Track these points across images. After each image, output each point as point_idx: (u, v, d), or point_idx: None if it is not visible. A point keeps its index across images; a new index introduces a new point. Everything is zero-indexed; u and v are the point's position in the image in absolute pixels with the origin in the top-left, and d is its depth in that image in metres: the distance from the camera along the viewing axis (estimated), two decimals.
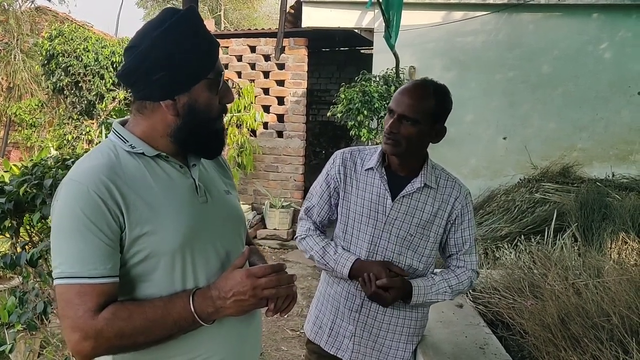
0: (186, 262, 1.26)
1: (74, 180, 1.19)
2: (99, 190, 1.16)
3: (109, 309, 1.16)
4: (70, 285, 1.15)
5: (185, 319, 1.20)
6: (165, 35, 1.21)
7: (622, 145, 7.00)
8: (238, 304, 1.22)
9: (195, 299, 1.21)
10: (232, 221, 1.43)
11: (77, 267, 1.14)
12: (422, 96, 1.82)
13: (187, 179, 1.32)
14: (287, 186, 8.13)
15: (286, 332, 4.48)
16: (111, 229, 1.17)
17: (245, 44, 8.11)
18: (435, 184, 1.93)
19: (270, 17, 26.84)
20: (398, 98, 1.84)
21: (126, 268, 1.22)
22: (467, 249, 1.97)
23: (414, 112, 1.80)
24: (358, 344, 1.99)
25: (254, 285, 1.22)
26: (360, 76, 6.64)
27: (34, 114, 10.85)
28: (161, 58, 1.21)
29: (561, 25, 6.92)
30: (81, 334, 1.14)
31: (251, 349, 1.44)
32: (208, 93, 1.27)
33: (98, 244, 1.15)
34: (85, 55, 8.17)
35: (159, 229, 1.21)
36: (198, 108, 1.26)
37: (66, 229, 1.16)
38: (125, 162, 1.24)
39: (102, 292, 1.16)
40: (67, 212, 1.17)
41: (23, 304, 2.85)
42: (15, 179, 2.90)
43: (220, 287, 1.23)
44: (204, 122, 1.29)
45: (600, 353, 2.04)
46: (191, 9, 1.27)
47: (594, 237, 4.57)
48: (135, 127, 1.29)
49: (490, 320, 2.86)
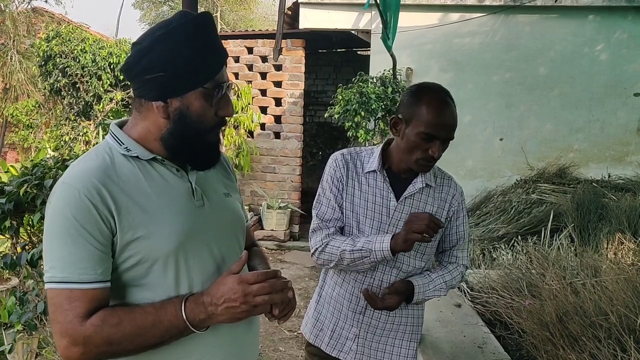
0: (180, 267, 1.24)
1: (66, 183, 1.18)
2: (90, 194, 1.15)
3: (99, 315, 1.14)
4: (61, 290, 1.14)
5: (176, 326, 1.18)
6: (167, 36, 1.20)
7: (618, 146, 7.04)
8: (229, 310, 1.19)
9: (187, 305, 1.19)
10: (230, 225, 1.41)
11: (67, 271, 1.13)
12: (455, 111, 1.82)
13: (184, 182, 1.30)
14: (284, 187, 8.13)
15: (284, 332, 4.48)
16: (102, 233, 1.15)
17: (243, 45, 8.12)
18: (433, 182, 1.95)
19: (267, 19, 26.83)
20: (440, 120, 1.77)
21: (118, 272, 1.20)
22: (460, 245, 2.00)
23: (455, 128, 1.81)
24: (362, 345, 1.98)
25: (245, 292, 1.18)
26: (358, 77, 6.65)
27: (31, 115, 10.83)
28: (159, 58, 1.20)
29: (557, 27, 6.95)
30: (69, 339, 1.13)
31: (249, 353, 1.42)
32: (202, 102, 1.24)
33: (89, 248, 1.14)
34: (83, 56, 8.15)
35: (152, 233, 1.20)
36: (189, 115, 1.24)
37: (57, 232, 1.15)
38: (120, 165, 1.23)
39: (92, 298, 1.14)
40: (58, 215, 1.15)
41: (23, 304, 2.85)
42: (15, 180, 2.90)
43: (213, 293, 1.20)
44: (196, 132, 1.25)
45: (598, 351, 2.05)
46: (204, 16, 1.25)
47: (590, 237, 4.60)
48: (132, 129, 1.28)
49: (489, 319, 2.88)
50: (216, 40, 1.26)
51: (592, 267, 2.98)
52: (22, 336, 3.12)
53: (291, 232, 7.94)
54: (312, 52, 9.22)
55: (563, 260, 3.32)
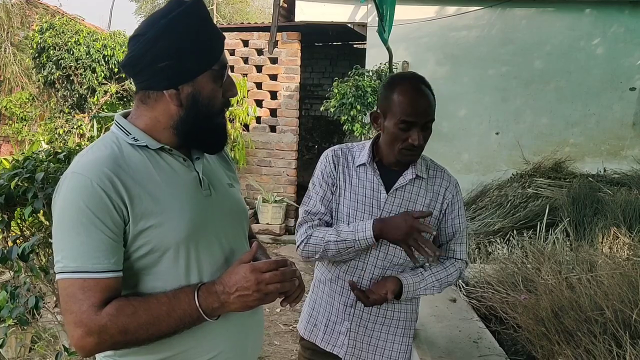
0: (190, 256, 1.25)
1: (77, 173, 1.17)
2: (103, 183, 1.15)
3: (113, 305, 1.14)
4: (74, 280, 1.14)
5: (190, 314, 1.19)
6: (172, 24, 1.20)
7: (614, 140, 7.04)
8: (242, 299, 1.20)
9: (200, 294, 1.20)
10: (236, 214, 1.43)
11: (80, 261, 1.13)
12: (430, 94, 1.82)
13: (190, 172, 1.31)
14: (279, 181, 8.11)
15: (279, 326, 4.48)
16: (115, 222, 1.16)
17: (238, 38, 8.07)
18: (425, 174, 1.93)
19: (263, 11, 26.73)
20: (413, 107, 1.77)
21: (130, 261, 1.21)
22: (457, 238, 1.98)
23: (432, 112, 1.80)
24: (354, 339, 1.98)
25: (258, 280, 1.20)
26: (354, 71, 6.63)
27: (25, 108, 10.75)
28: (167, 46, 1.20)
29: (554, 21, 6.93)
30: (85, 329, 1.13)
31: (254, 343, 1.44)
32: (212, 85, 1.27)
33: (102, 237, 1.14)
34: (77, 48, 8.09)
35: (163, 222, 1.21)
36: (202, 99, 1.25)
37: (69, 222, 1.15)
38: (129, 155, 1.23)
39: (106, 287, 1.15)
40: (70, 205, 1.15)
41: (14, 299, 2.82)
42: (6, 173, 2.86)
43: (225, 282, 1.21)
44: (207, 115, 1.28)
45: (594, 346, 2.04)
46: (199, 1, 1.26)
47: (585, 231, 4.60)
48: (138, 120, 1.28)
49: (484, 314, 2.87)
50: (213, 23, 1.29)
51: (587, 262, 2.97)
52: (14, 331, 3.10)
53: (287, 226, 7.93)
54: (308, 45, 9.18)
55: (559, 254, 3.31)
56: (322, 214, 1.93)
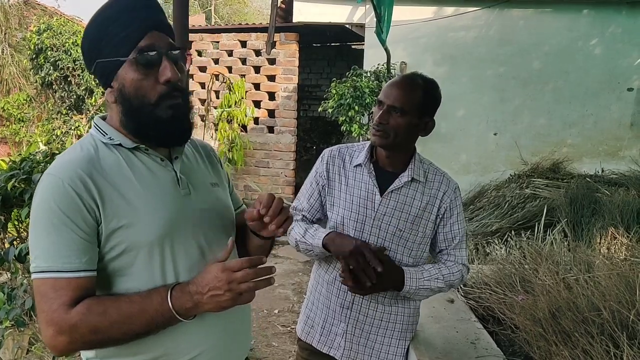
0: (165, 255, 1.24)
1: (51, 174, 1.18)
2: (74, 183, 1.15)
3: (84, 304, 1.14)
4: (46, 279, 1.14)
5: (162, 314, 1.17)
6: (90, 24, 1.22)
7: (612, 141, 7.05)
8: (215, 299, 1.17)
9: (173, 294, 1.18)
10: (217, 214, 1.40)
11: (52, 260, 1.14)
12: (411, 87, 1.84)
13: (168, 171, 1.30)
14: (277, 182, 8.10)
15: (277, 327, 4.47)
16: (87, 222, 1.16)
17: (236, 39, 8.07)
18: (423, 178, 1.92)
19: (261, 12, 26.74)
20: (387, 90, 1.85)
21: (104, 262, 1.20)
22: (456, 243, 1.95)
23: (402, 102, 1.81)
24: (350, 341, 1.97)
25: (229, 279, 1.17)
26: (352, 71, 6.62)
27: (23, 109, 10.75)
28: (89, 48, 1.23)
29: (551, 21, 6.94)
30: (55, 328, 1.13)
31: (238, 343, 1.42)
32: (133, 74, 1.20)
33: (73, 237, 1.14)
34: (74, 49, 8.09)
35: (135, 221, 1.20)
36: (127, 92, 1.22)
37: (41, 222, 1.16)
38: (104, 155, 1.24)
39: (77, 286, 1.14)
40: (42, 206, 1.16)
41: (11, 300, 2.82)
42: (3, 174, 2.87)
43: (198, 282, 1.19)
44: (140, 106, 1.22)
45: (591, 347, 2.04)
46: None
47: (583, 232, 4.60)
48: (112, 120, 1.30)
49: (482, 315, 2.87)
50: (136, 8, 1.22)
51: (585, 262, 2.97)
52: (11, 332, 3.09)
53: None
54: (305, 46, 9.18)
55: (556, 255, 3.31)
56: (306, 211, 2.00)
